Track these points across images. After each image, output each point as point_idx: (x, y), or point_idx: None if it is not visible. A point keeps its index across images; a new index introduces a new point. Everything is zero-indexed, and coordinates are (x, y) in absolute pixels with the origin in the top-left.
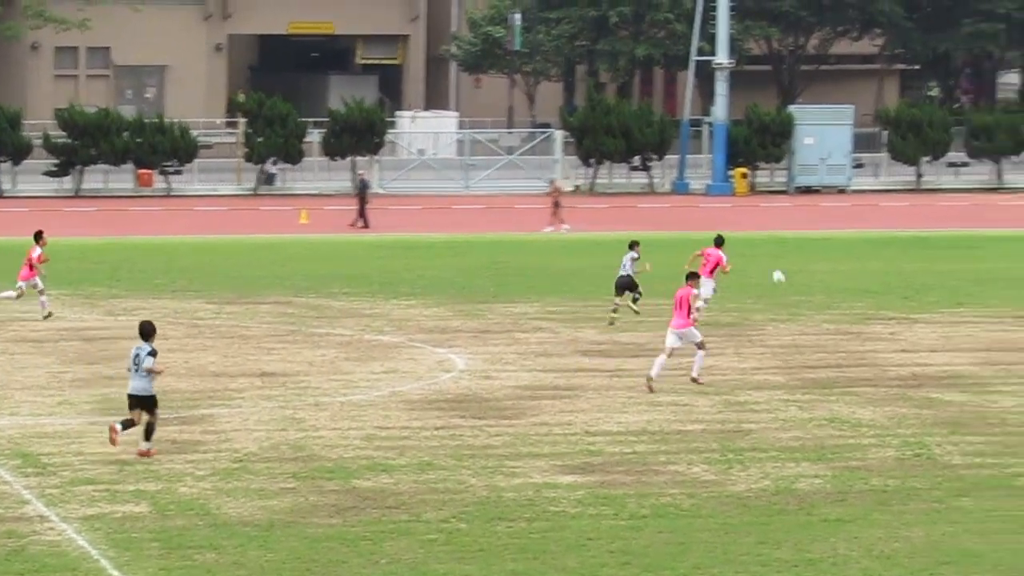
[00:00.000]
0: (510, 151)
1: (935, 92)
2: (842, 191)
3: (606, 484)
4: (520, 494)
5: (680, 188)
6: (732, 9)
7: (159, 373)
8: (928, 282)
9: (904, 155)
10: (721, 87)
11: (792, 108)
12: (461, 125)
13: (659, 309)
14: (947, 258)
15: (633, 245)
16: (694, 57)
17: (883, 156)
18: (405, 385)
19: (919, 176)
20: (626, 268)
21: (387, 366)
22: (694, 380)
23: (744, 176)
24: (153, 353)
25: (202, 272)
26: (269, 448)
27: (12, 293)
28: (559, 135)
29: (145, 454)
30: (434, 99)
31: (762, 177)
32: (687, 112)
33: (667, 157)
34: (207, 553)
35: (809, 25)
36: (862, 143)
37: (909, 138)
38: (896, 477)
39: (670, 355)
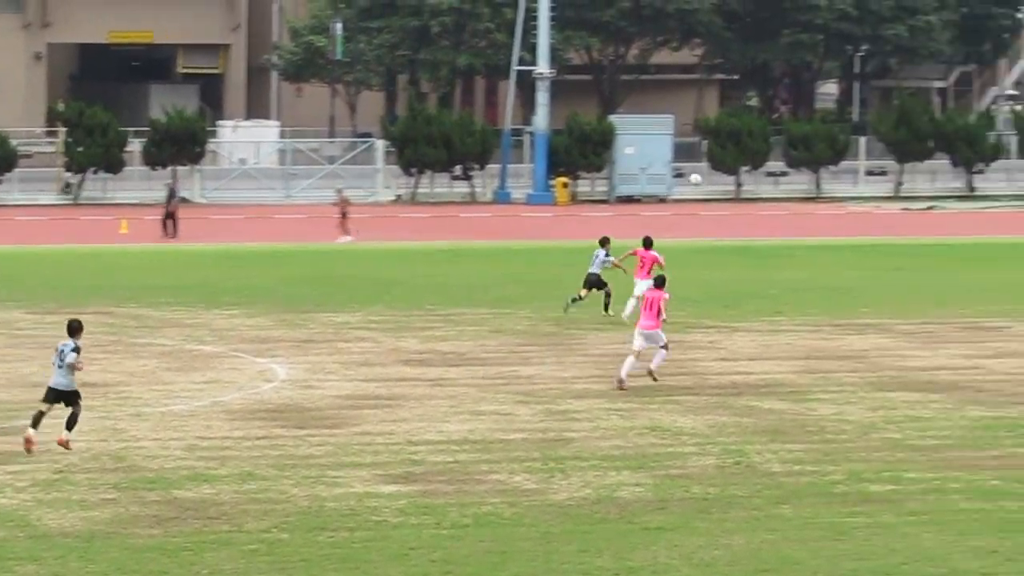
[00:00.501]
0: (331, 160)
1: (754, 102)
2: (662, 200)
3: (428, 493)
4: (342, 504)
5: (501, 197)
6: (552, 19)
7: (79, 369)
8: (747, 291)
9: (724, 164)
10: (542, 96)
11: (613, 117)
12: (283, 134)
13: (481, 319)
14: (766, 267)
15: (604, 243)
16: (515, 67)
17: (703, 166)
18: (226, 395)
19: (739, 185)
20: (596, 266)
21: (208, 376)
22: (650, 372)
23: (565, 186)
24: (76, 350)
25: (22, 282)
26: (90, 459)
27: None
28: (380, 145)
29: (63, 443)
30: (256, 108)
31: (583, 187)
32: (508, 121)
33: (488, 167)
34: (27, 565)
35: (629, 35)
36: (683, 153)
37: (728, 147)
38: (716, 485)
39: (638, 356)
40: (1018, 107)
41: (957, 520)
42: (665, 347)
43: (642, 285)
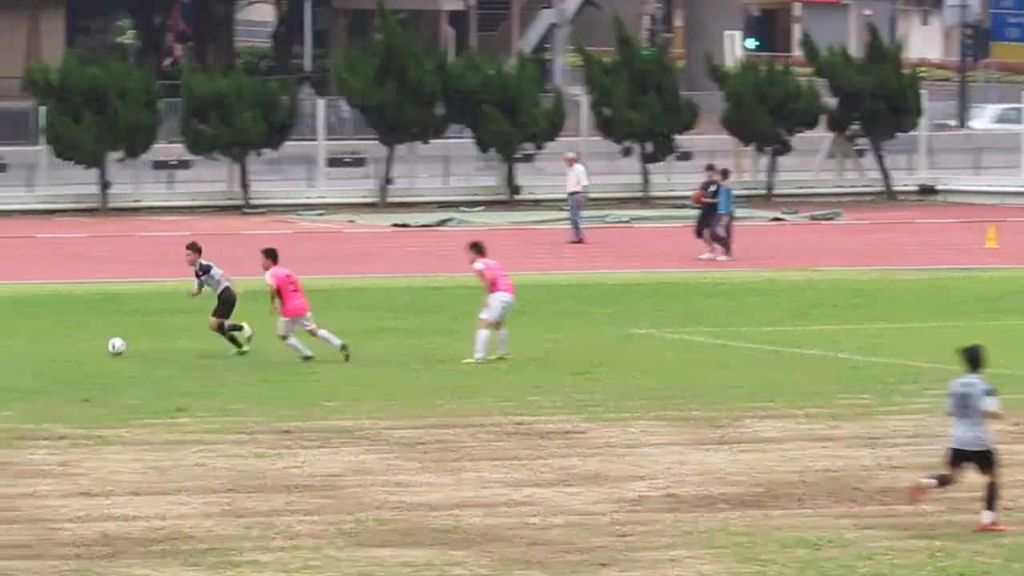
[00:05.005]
0: None
1: (130, 37)
2: None
3: None
4: None
5: None
6: None
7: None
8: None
9: (72, 147)
10: None
11: None
12: None
13: None
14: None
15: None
16: None
17: (38, 152)
18: None
19: (104, 187)
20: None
21: None
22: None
23: None
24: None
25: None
26: None
27: None
28: None
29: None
30: None
31: None
32: None
33: None
34: None
35: None
36: (3, 129)
37: (87, 118)
38: None
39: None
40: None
41: None
42: None
43: None
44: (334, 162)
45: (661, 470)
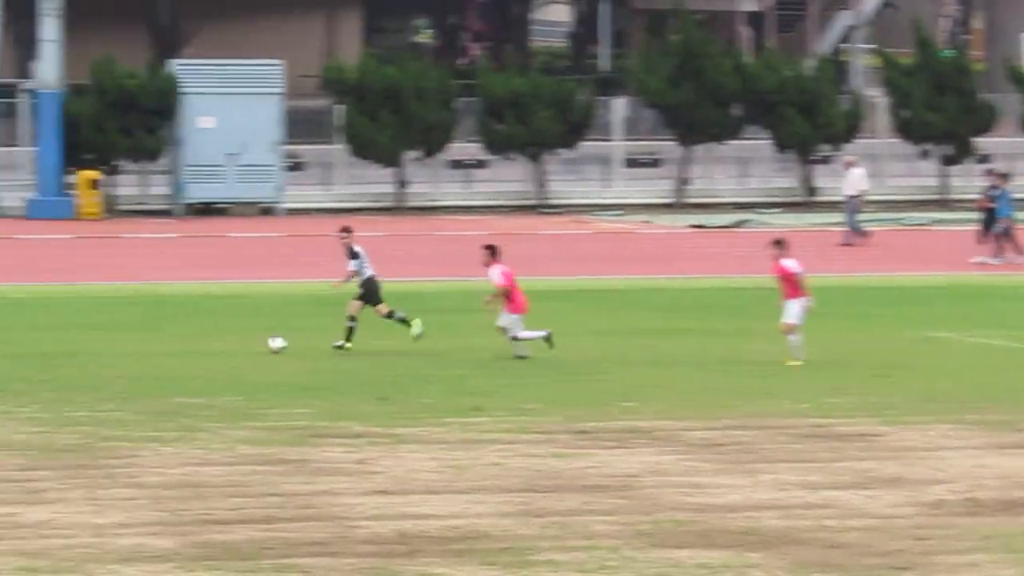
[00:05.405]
0: None
1: (427, 36)
2: (268, 211)
3: None
4: None
5: None
6: None
7: None
8: (416, 368)
9: (374, 148)
10: (51, 26)
11: (176, 65)
12: None
13: None
14: (443, 327)
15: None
16: None
17: (337, 149)
18: None
19: (402, 183)
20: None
21: None
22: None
23: (95, 186)
24: None
25: None
26: None
27: None
28: None
29: None
30: None
31: (127, 188)
32: None
33: None
34: None
35: None
36: (300, 126)
37: (383, 118)
38: None
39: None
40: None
41: None
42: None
43: None
44: (631, 162)
45: (960, 474)
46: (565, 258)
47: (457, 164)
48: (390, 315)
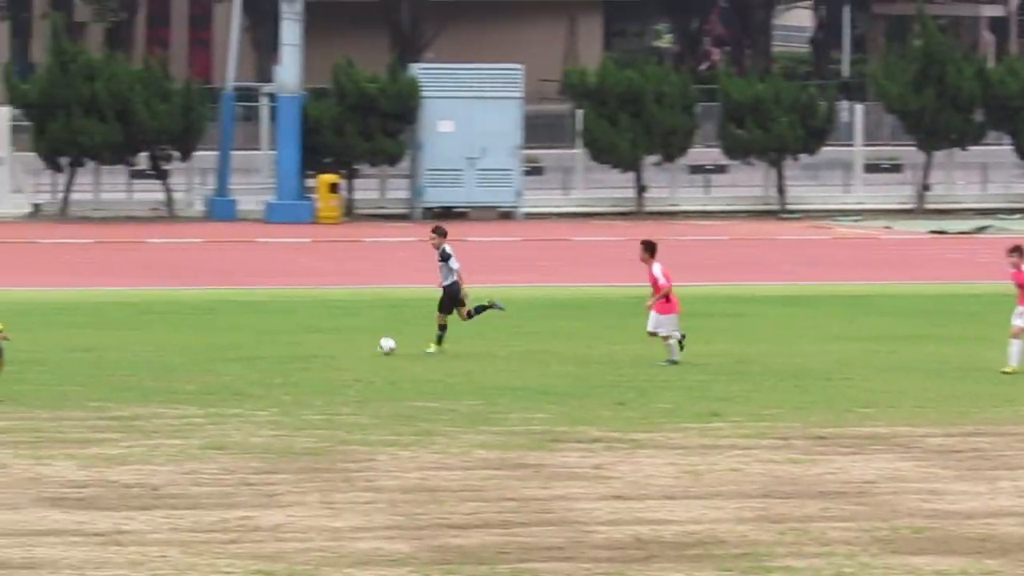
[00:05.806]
0: None
1: (667, 41)
2: (508, 215)
3: None
4: None
5: (220, 210)
6: None
7: None
8: (653, 375)
9: (613, 152)
10: (290, 32)
11: (416, 68)
12: None
13: (187, 425)
14: (687, 332)
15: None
16: None
17: (579, 154)
18: None
19: (641, 189)
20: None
21: None
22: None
23: (333, 189)
24: None
25: None
26: None
27: None
28: (2, 115)
29: None
30: None
31: (366, 191)
32: (231, 76)
33: (197, 155)
34: None
35: None
36: (541, 130)
37: (623, 121)
38: None
39: None
40: None
41: None
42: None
43: None
44: (871, 168)
45: None
46: (804, 263)
47: (696, 169)
48: (469, 315)
